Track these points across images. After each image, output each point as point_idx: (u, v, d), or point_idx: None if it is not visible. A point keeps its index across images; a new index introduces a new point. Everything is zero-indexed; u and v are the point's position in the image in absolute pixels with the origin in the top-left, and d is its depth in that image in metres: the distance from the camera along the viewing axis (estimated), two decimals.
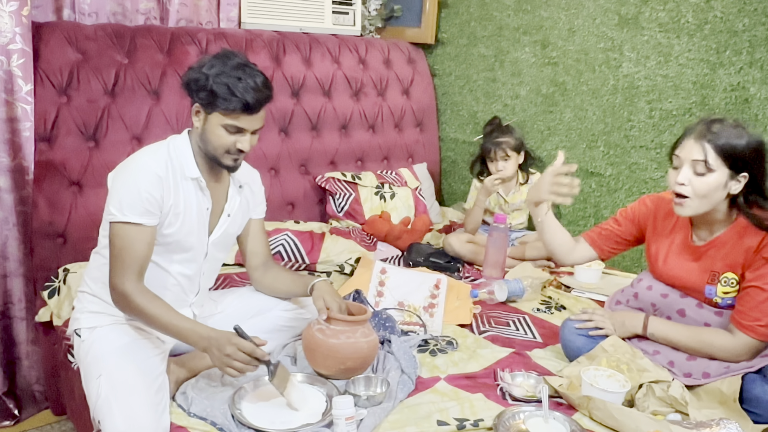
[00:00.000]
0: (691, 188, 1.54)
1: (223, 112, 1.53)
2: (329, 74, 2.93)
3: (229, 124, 1.54)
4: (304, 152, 2.87)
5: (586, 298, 2.35)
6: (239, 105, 1.51)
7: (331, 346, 1.61)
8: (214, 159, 1.60)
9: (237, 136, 1.56)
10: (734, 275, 1.61)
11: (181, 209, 1.60)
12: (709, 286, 1.65)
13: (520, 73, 2.98)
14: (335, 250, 2.46)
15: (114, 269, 1.53)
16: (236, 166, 1.63)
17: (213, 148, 1.58)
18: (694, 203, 1.56)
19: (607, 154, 2.65)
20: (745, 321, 1.56)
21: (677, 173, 1.57)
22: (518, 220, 2.82)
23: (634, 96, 2.51)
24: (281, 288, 1.83)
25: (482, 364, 1.79)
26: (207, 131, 1.57)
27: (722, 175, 1.53)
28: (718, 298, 1.65)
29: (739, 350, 1.57)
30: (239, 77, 1.50)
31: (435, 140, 3.42)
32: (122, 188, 1.52)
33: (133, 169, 1.54)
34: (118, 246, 1.52)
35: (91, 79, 2.26)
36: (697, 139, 1.54)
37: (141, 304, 1.50)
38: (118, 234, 1.52)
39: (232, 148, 1.57)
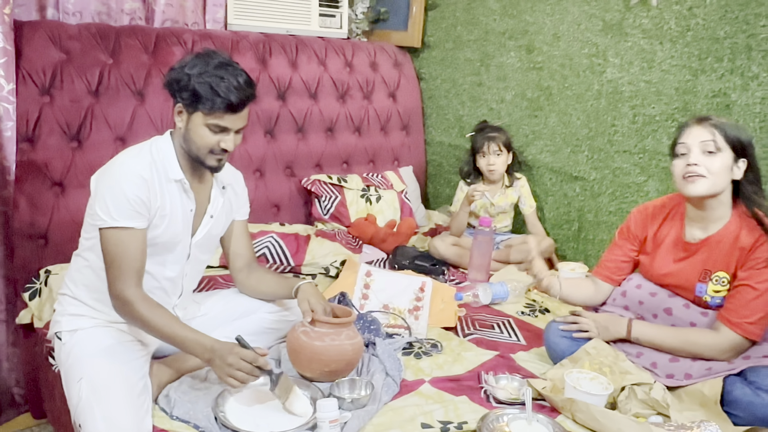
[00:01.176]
0: (704, 167, 1.59)
1: (206, 112, 1.51)
2: (315, 77, 2.93)
3: (212, 123, 1.52)
4: (290, 154, 2.87)
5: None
6: (222, 104, 1.50)
7: (315, 348, 1.61)
8: (198, 159, 1.59)
9: (221, 135, 1.55)
10: (726, 274, 1.64)
11: (167, 211, 1.58)
12: (701, 284, 1.68)
13: (505, 77, 3.00)
14: (320, 252, 2.46)
15: (112, 277, 1.50)
16: (220, 166, 1.62)
17: (196, 149, 1.57)
18: (708, 181, 1.59)
19: (591, 159, 2.67)
20: (733, 318, 1.58)
21: (685, 159, 1.62)
22: (503, 223, 2.84)
23: (618, 101, 2.54)
24: (265, 290, 1.82)
25: (466, 366, 1.80)
26: (190, 131, 1.55)
27: (728, 156, 1.59)
28: (708, 297, 1.67)
29: (724, 347, 1.59)
30: (222, 76, 1.49)
31: (421, 143, 3.43)
32: (107, 192, 1.50)
33: (117, 172, 1.53)
34: (113, 252, 1.49)
35: (74, 78, 2.24)
36: (701, 124, 1.62)
37: (143, 313, 1.48)
38: (110, 240, 1.50)
39: (215, 147, 1.56)
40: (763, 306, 1.57)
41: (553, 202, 2.86)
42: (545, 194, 2.89)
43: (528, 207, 2.81)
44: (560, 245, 2.83)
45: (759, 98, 2.13)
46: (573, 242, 2.80)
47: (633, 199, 2.53)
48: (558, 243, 2.81)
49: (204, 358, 1.47)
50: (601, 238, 2.67)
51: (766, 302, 1.57)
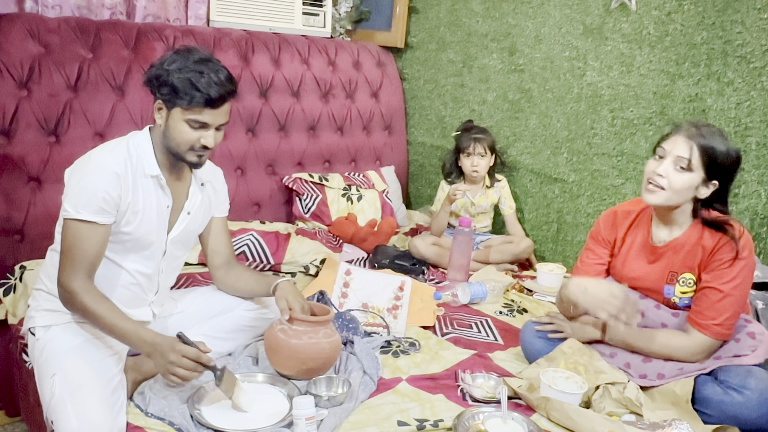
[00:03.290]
0: (667, 180, 1.60)
1: (185, 108, 1.51)
2: (298, 75, 2.92)
3: (191, 119, 1.52)
4: (272, 152, 2.86)
5: (547, 302, 2.39)
6: (202, 99, 1.49)
7: (293, 346, 1.61)
8: (178, 156, 1.58)
9: (201, 131, 1.54)
10: (692, 276, 1.67)
11: (139, 207, 1.57)
12: (668, 286, 1.70)
13: (487, 79, 3.02)
14: (301, 251, 2.45)
15: (63, 266, 1.49)
16: (201, 162, 1.61)
17: (176, 145, 1.56)
18: (665, 194, 1.61)
19: (571, 161, 2.70)
20: (701, 320, 1.61)
21: (658, 164, 1.62)
22: (483, 223, 2.86)
23: (597, 104, 2.57)
24: (244, 288, 1.82)
25: (444, 365, 1.81)
26: (170, 127, 1.55)
27: (697, 177, 1.59)
28: (676, 298, 1.70)
29: (695, 349, 1.62)
30: (201, 71, 1.49)
31: (403, 143, 3.43)
32: (78, 185, 1.49)
33: (90, 167, 1.52)
34: (69, 242, 1.49)
35: (53, 72, 2.21)
36: (687, 137, 1.60)
37: (87, 303, 1.47)
38: (70, 230, 1.49)
39: (196, 144, 1.55)
40: (729, 307, 1.59)
41: (532, 203, 2.89)
42: (525, 195, 2.91)
43: (508, 208, 2.83)
44: (539, 246, 2.85)
45: (734, 103, 2.17)
46: (552, 243, 2.82)
47: (611, 201, 2.57)
48: (537, 244, 2.84)
49: (144, 352, 1.47)
50: (580, 240, 2.70)
51: (731, 303, 1.59)
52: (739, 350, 1.61)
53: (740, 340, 1.63)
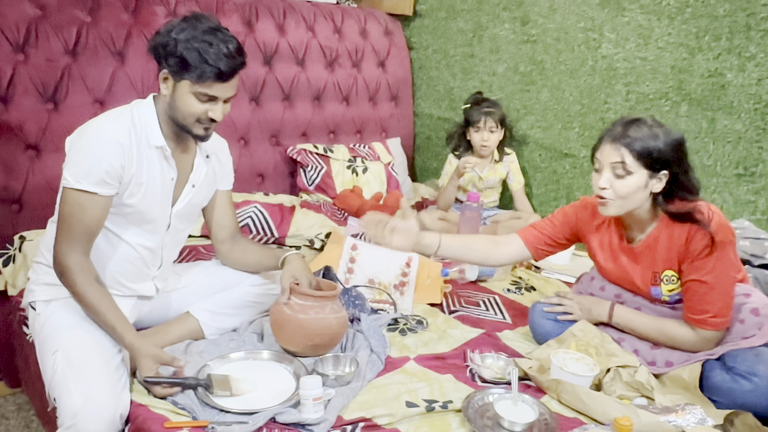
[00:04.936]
0: (612, 191, 1.55)
1: (193, 80, 1.45)
2: (303, 42, 2.84)
3: (200, 92, 1.46)
4: (276, 123, 2.79)
5: (555, 279, 2.36)
6: (212, 74, 1.43)
7: (299, 321, 1.58)
8: (184, 128, 1.53)
9: (209, 104, 1.49)
10: (673, 272, 1.62)
11: (143, 179, 1.52)
12: (654, 287, 1.66)
13: (498, 49, 2.93)
14: (305, 224, 2.41)
15: (61, 237, 1.45)
16: (207, 135, 1.56)
17: (183, 117, 1.50)
18: (616, 204, 1.57)
19: (582, 136, 2.64)
20: (696, 316, 1.57)
21: (599, 176, 1.57)
22: (491, 198, 2.81)
23: (612, 78, 2.50)
24: (250, 261, 1.78)
25: (452, 344, 1.78)
26: (176, 99, 1.49)
27: (641, 177, 1.53)
28: (666, 297, 1.65)
29: (701, 344, 1.58)
30: (211, 42, 1.42)
31: (409, 115, 3.37)
32: (79, 154, 1.44)
33: (93, 135, 1.46)
34: (67, 212, 1.44)
35: (50, 36, 2.13)
36: (613, 143, 1.54)
37: (78, 284, 1.43)
38: (69, 200, 1.44)
39: (203, 116, 1.50)
40: (719, 296, 1.54)
41: (541, 178, 2.83)
42: (534, 170, 2.86)
43: (516, 183, 2.77)
44: None
45: (755, 79, 2.10)
46: None
47: None
48: None
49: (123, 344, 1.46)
50: None
51: (719, 292, 1.54)
52: (745, 331, 1.57)
53: (744, 321, 1.58)
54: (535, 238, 1.82)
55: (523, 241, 1.82)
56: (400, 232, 1.66)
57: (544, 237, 1.82)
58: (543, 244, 1.82)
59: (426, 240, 1.72)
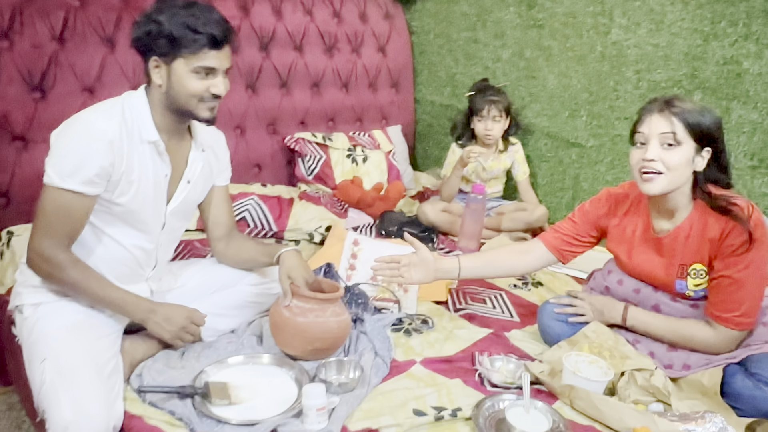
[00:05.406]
0: (661, 163, 1.47)
1: (188, 55, 1.38)
2: (301, 27, 2.75)
3: (197, 66, 1.39)
4: (273, 110, 2.71)
5: (562, 274, 2.29)
6: (206, 41, 1.37)
7: (298, 325, 1.51)
8: (189, 114, 1.45)
9: (209, 79, 1.42)
10: (702, 266, 1.54)
11: (135, 177, 1.44)
12: (679, 280, 1.58)
13: (503, 34, 2.84)
14: (305, 217, 2.33)
15: (42, 234, 1.38)
16: (213, 116, 1.48)
17: (185, 101, 1.42)
18: (665, 178, 1.48)
19: (590, 125, 2.56)
20: (722, 314, 1.50)
21: (643, 150, 1.49)
22: (495, 188, 2.73)
23: (622, 65, 2.41)
24: (245, 257, 1.71)
25: (459, 345, 1.71)
26: (174, 83, 1.41)
27: (689, 149, 1.46)
28: (691, 292, 1.58)
29: (721, 343, 1.52)
30: (194, 14, 1.37)
31: (410, 102, 3.29)
32: (65, 150, 1.35)
33: (81, 130, 1.37)
34: (49, 211, 1.37)
35: (36, 21, 2.03)
36: (661, 113, 1.47)
37: (75, 277, 1.39)
38: (50, 198, 1.36)
39: (206, 94, 1.42)
40: (748, 295, 1.48)
41: (547, 168, 2.76)
42: (539, 160, 2.78)
43: (521, 173, 2.70)
44: (552, 213, 2.73)
45: None
46: (566, 210, 2.70)
47: None
48: (550, 211, 2.72)
49: (138, 318, 1.46)
50: None
51: (749, 291, 1.48)
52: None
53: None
54: (557, 240, 1.75)
55: (545, 245, 1.75)
56: (416, 266, 1.69)
57: (567, 237, 1.74)
58: (567, 245, 1.74)
59: (445, 266, 1.72)
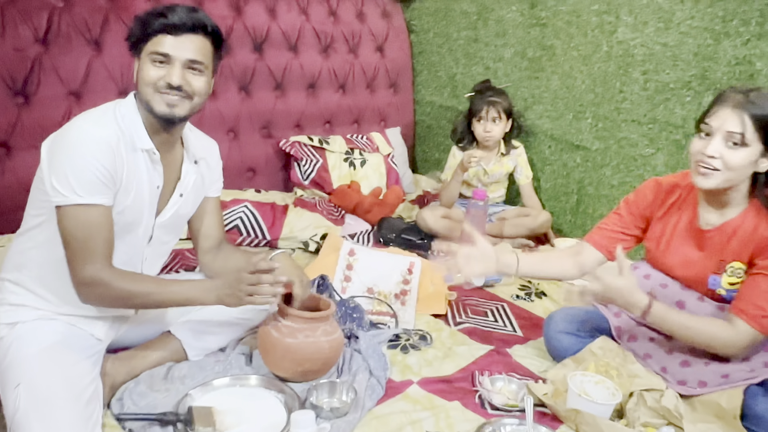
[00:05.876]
0: (721, 161, 1.39)
1: (149, 41, 1.33)
2: (296, 27, 2.67)
3: (153, 51, 1.33)
4: (267, 113, 2.64)
5: (567, 283, 2.20)
6: (160, 25, 1.31)
7: (287, 345, 1.43)
8: (148, 107, 1.36)
9: (164, 68, 1.33)
10: (742, 264, 1.46)
11: (133, 185, 1.37)
12: (714, 275, 1.50)
13: (504, 33, 2.75)
14: (299, 224, 2.25)
15: (80, 261, 1.30)
16: (173, 114, 1.36)
17: (143, 91, 1.35)
18: (721, 176, 1.40)
19: (595, 127, 2.47)
20: (750, 310, 1.40)
21: (706, 143, 1.41)
22: (497, 193, 2.65)
23: (629, 65, 2.32)
24: (235, 266, 1.62)
25: (459, 363, 1.63)
26: (138, 73, 1.36)
27: (755, 151, 1.38)
28: (723, 290, 1.49)
29: (741, 344, 1.42)
30: (163, 6, 1.34)
31: (409, 103, 3.21)
32: (68, 162, 1.27)
33: (78, 140, 1.29)
34: (78, 235, 1.29)
35: (18, 24, 1.97)
36: (735, 109, 1.37)
37: (126, 287, 1.33)
38: (74, 220, 1.28)
39: (159, 83, 1.33)
40: None
41: (551, 172, 2.67)
42: (543, 163, 2.69)
43: (524, 177, 2.61)
44: (556, 218, 2.65)
45: None
46: (570, 215, 2.62)
47: (639, 173, 2.35)
48: (554, 216, 2.64)
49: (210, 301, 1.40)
50: (602, 213, 2.50)
51: None
52: None
53: None
54: (603, 238, 1.66)
55: (592, 245, 1.67)
56: (476, 258, 1.56)
57: (614, 234, 1.66)
58: (615, 241, 1.64)
59: (506, 260, 1.62)
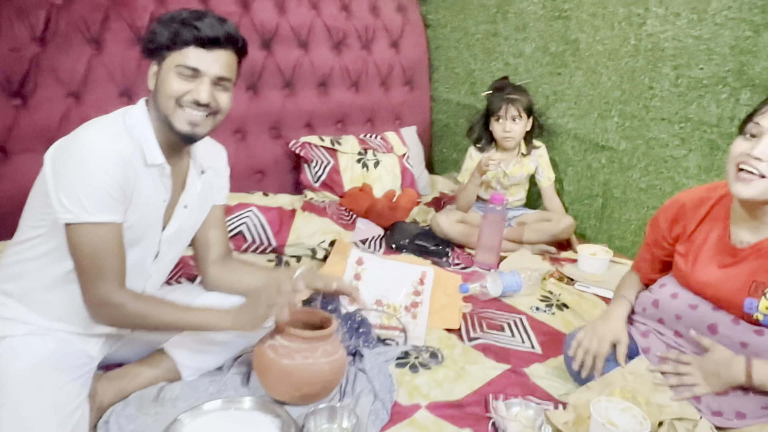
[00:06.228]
0: (767, 165, 1.24)
1: (175, 51, 1.26)
2: (306, 22, 2.58)
3: (180, 64, 1.25)
4: (276, 113, 2.55)
5: (590, 294, 2.07)
6: (190, 36, 1.24)
7: (283, 368, 1.32)
8: (167, 122, 1.28)
9: (191, 83, 1.26)
10: None
11: (141, 199, 1.29)
12: (750, 298, 1.35)
13: (525, 27, 2.63)
14: (307, 230, 2.15)
15: (93, 282, 1.24)
16: (195, 133, 1.29)
17: (164, 104, 1.27)
18: (763, 184, 1.26)
19: (622, 126, 2.33)
20: None
21: (753, 144, 1.26)
22: (516, 196, 2.52)
23: (659, 60, 2.17)
24: (250, 285, 1.51)
25: (471, 385, 1.51)
26: (159, 84, 1.28)
27: None
28: (760, 315, 1.35)
29: None
30: (192, 13, 1.28)
31: (426, 101, 3.12)
32: (77, 176, 1.19)
33: (88, 150, 1.21)
34: (91, 254, 1.22)
35: (14, 22, 1.90)
36: None
37: (142, 310, 1.28)
38: (86, 236, 1.21)
39: (185, 98, 1.26)
40: None
41: (574, 174, 2.54)
42: (566, 164, 2.56)
43: (546, 179, 2.47)
44: (580, 223, 2.52)
45: None
46: (595, 220, 2.48)
47: (669, 175, 2.20)
48: (577, 220, 2.50)
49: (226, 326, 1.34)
50: (628, 218, 2.35)
51: None
52: None
53: None
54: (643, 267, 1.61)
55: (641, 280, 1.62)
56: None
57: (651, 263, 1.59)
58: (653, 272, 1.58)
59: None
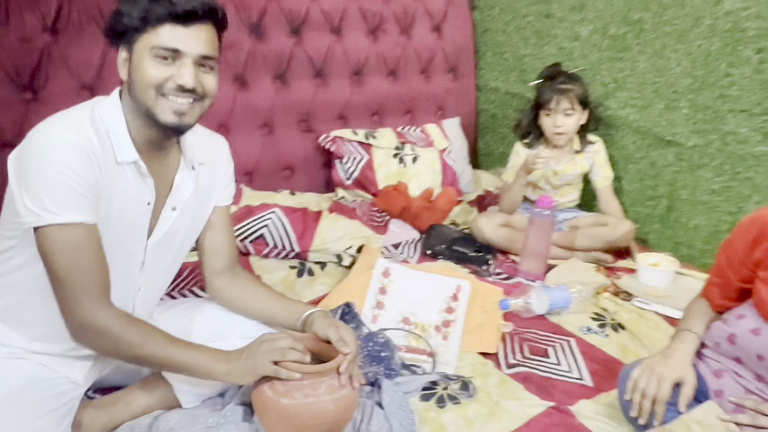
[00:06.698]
0: None
1: (149, 32, 1.11)
2: (339, 6, 2.45)
3: (156, 45, 1.10)
4: (306, 105, 2.43)
5: (651, 311, 1.82)
6: (163, 11, 1.09)
7: (282, 408, 1.15)
8: (149, 114, 1.14)
9: (171, 66, 1.11)
10: None
11: (116, 201, 1.16)
12: None
13: (582, 6, 2.40)
14: (333, 235, 1.98)
15: (69, 298, 1.10)
16: (182, 123, 1.15)
17: (142, 94, 1.12)
18: None
19: (693, 119, 2.08)
20: None
21: None
22: (568, 197, 2.28)
23: (738, 42, 1.91)
24: (256, 309, 1.39)
25: (507, 425, 1.31)
26: (133, 71, 1.13)
27: None
28: None
29: None
30: None
31: (471, 90, 2.95)
32: (36, 173, 1.06)
33: (44, 145, 1.08)
34: (63, 262, 1.08)
35: (24, 11, 1.81)
36: None
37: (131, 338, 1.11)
38: (54, 242, 1.08)
39: (167, 85, 1.12)
40: None
41: (635, 172, 2.30)
42: (626, 162, 2.33)
43: (603, 179, 2.23)
44: (641, 227, 2.27)
45: None
46: (659, 224, 2.24)
47: (747, 176, 1.94)
48: (638, 223, 2.25)
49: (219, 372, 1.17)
50: (697, 223, 2.09)
51: None
52: None
53: None
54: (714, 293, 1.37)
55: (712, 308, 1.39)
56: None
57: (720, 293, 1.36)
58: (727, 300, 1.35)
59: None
